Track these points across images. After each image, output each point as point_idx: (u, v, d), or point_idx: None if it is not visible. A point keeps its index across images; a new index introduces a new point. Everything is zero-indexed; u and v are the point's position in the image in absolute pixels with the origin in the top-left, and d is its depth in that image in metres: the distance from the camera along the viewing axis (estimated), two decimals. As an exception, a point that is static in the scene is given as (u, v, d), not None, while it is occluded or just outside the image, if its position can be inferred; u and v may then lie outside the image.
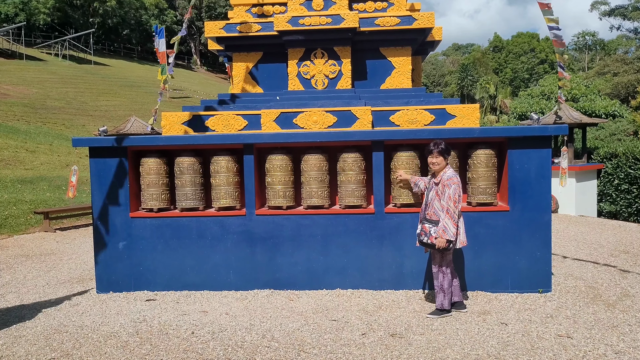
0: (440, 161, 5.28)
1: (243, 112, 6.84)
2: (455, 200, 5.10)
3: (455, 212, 5.12)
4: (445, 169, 5.29)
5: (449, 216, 5.10)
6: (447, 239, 5.11)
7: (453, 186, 5.12)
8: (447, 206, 5.11)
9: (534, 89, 30.57)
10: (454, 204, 5.11)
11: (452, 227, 5.10)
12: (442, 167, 5.29)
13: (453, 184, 5.12)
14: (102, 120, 31.41)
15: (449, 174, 5.22)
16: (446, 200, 5.12)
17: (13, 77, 38.21)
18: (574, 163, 14.07)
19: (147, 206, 6.47)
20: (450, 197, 5.10)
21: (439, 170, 5.31)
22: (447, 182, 5.16)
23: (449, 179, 5.17)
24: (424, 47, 8.17)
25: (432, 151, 5.29)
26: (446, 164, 5.32)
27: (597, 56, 67.20)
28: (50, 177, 16.44)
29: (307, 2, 7.11)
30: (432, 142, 5.35)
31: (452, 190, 5.11)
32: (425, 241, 5.24)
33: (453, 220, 5.11)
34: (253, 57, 7.57)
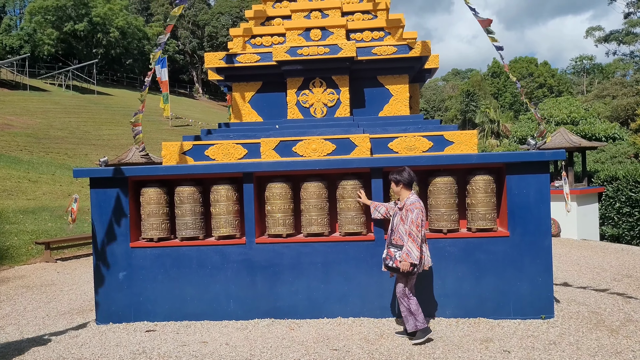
0: (399, 189, 5.47)
1: (243, 140, 6.90)
2: (417, 225, 5.21)
3: (418, 235, 5.22)
4: (409, 195, 5.42)
5: (412, 240, 5.20)
6: (410, 262, 5.18)
7: (415, 211, 5.23)
8: (409, 230, 5.22)
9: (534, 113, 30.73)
10: (417, 228, 5.21)
11: (415, 251, 5.19)
12: (406, 194, 5.43)
13: (415, 209, 5.25)
14: (105, 149, 31.59)
15: (412, 199, 5.35)
16: (409, 225, 5.23)
17: (16, 108, 38.58)
18: (575, 187, 14.07)
19: (148, 236, 6.47)
20: (413, 221, 5.21)
21: (403, 197, 5.45)
22: (410, 206, 5.28)
23: (411, 204, 5.29)
24: (422, 75, 8.26)
25: (397, 179, 5.47)
26: (409, 191, 5.45)
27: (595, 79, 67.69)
28: (52, 207, 16.47)
29: (305, 33, 7.22)
30: (396, 170, 5.51)
31: (414, 215, 5.22)
32: (391, 265, 5.33)
33: (416, 243, 5.20)
34: (252, 86, 7.67)
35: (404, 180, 5.44)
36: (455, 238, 6.12)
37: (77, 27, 56.47)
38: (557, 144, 13.81)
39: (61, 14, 55.98)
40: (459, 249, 6.10)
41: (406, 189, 5.45)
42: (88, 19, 56.81)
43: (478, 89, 61.76)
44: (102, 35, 58.63)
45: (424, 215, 5.33)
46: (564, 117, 24.88)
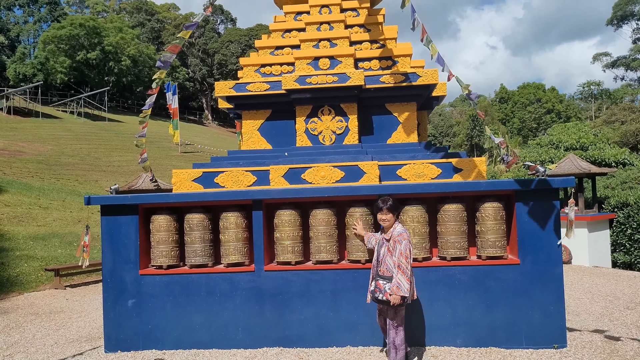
0: (389, 218, 5.38)
1: (252, 168, 6.95)
2: (407, 256, 5.16)
3: (407, 267, 5.16)
4: (394, 225, 5.37)
5: (401, 272, 5.15)
6: (401, 295, 5.12)
7: (404, 242, 5.18)
8: (399, 262, 5.17)
9: (542, 138, 30.73)
10: (406, 260, 5.16)
11: (405, 283, 5.13)
12: (392, 223, 5.38)
13: (404, 240, 5.19)
14: (115, 176, 31.84)
15: (399, 230, 5.30)
16: (397, 256, 5.18)
17: (28, 135, 39.11)
18: (585, 213, 13.97)
19: (157, 263, 6.49)
20: (402, 252, 5.16)
21: (388, 227, 5.39)
22: (398, 237, 5.23)
23: (399, 235, 5.24)
24: (429, 102, 8.32)
25: (382, 208, 5.39)
26: (395, 220, 5.41)
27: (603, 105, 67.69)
28: (62, 234, 16.56)
29: (314, 62, 7.32)
30: (381, 199, 5.45)
31: (403, 246, 5.17)
32: (381, 298, 5.25)
33: (406, 275, 5.15)
34: (262, 114, 7.75)
35: (394, 209, 5.40)
36: (465, 266, 6.09)
37: (89, 56, 57.52)
38: (566, 170, 13.77)
39: (74, 42, 57.11)
40: (469, 277, 6.05)
41: (395, 216, 5.42)
42: (100, 47, 57.90)
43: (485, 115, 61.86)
44: (113, 64, 59.65)
45: (412, 246, 5.28)
46: (573, 143, 24.83)
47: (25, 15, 70.26)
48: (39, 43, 59.03)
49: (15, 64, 56.98)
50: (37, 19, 69.24)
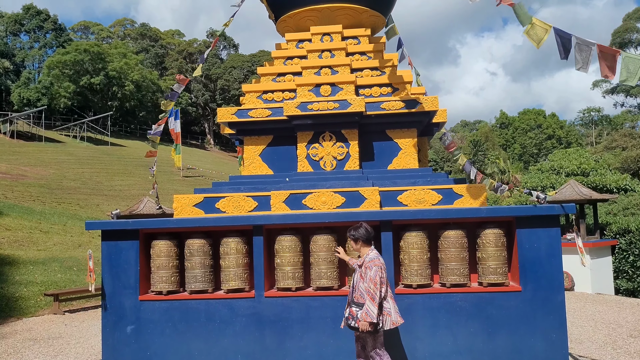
0: (356, 247, 5.46)
1: (253, 193, 6.96)
2: (376, 282, 5.15)
3: (377, 293, 5.15)
4: (368, 252, 5.39)
5: (370, 298, 5.15)
6: (370, 322, 5.11)
7: (374, 268, 5.18)
8: (367, 288, 5.17)
9: (543, 163, 30.82)
10: (375, 286, 5.15)
11: (374, 309, 5.12)
12: (365, 250, 5.41)
13: (374, 266, 5.20)
14: (116, 200, 31.87)
15: (371, 256, 5.31)
16: (368, 283, 5.19)
17: (31, 159, 39.30)
18: (587, 239, 13.92)
19: (157, 289, 6.46)
20: (372, 278, 5.16)
21: (362, 254, 5.42)
22: (369, 264, 5.24)
23: (370, 261, 5.26)
24: (430, 128, 8.37)
25: (349, 237, 5.48)
26: (368, 247, 5.43)
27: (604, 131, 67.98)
28: (62, 258, 16.52)
29: (315, 89, 7.40)
30: (352, 228, 5.50)
31: (373, 272, 5.17)
32: (353, 325, 5.25)
33: (375, 302, 5.13)
34: (263, 140, 7.79)
35: (361, 237, 5.43)
36: (467, 293, 6.05)
37: (93, 81, 58.16)
38: (567, 197, 13.77)
39: (79, 68, 57.82)
40: (470, 304, 6.01)
41: (365, 245, 5.44)
42: (104, 73, 58.56)
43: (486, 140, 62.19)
44: (117, 89, 60.26)
45: (384, 272, 5.27)
46: (574, 169, 24.88)
47: (31, 40, 71.27)
48: (44, 68, 59.78)
49: (20, 89, 57.60)
50: (42, 45, 70.20)
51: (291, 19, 8.28)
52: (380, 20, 8.51)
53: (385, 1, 8.39)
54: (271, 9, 8.47)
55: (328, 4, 7.93)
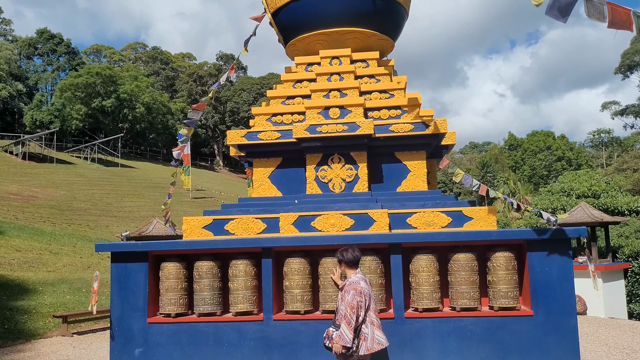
0: (342, 269, 5.46)
1: (262, 215, 6.96)
2: (352, 306, 5.10)
3: (352, 318, 5.09)
4: (352, 275, 5.35)
5: (345, 322, 5.10)
6: (342, 345, 5.06)
7: (352, 292, 5.14)
8: (344, 312, 5.13)
9: (553, 185, 30.63)
10: (351, 310, 5.10)
11: (348, 334, 5.06)
12: (350, 273, 5.39)
13: (352, 290, 5.16)
14: (126, 221, 32.00)
15: (352, 280, 5.28)
16: (345, 306, 5.15)
17: (42, 180, 39.65)
18: (599, 262, 13.76)
19: (165, 311, 6.44)
20: (349, 302, 5.12)
21: (347, 276, 5.41)
22: (348, 287, 5.22)
23: (349, 284, 5.23)
24: (439, 151, 8.37)
25: (337, 259, 5.51)
26: (353, 270, 5.40)
27: (614, 152, 67.63)
28: (71, 280, 16.54)
29: (324, 111, 7.44)
30: (340, 250, 5.51)
31: (350, 296, 5.13)
32: (327, 345, 5.25)
33: (350, 326, 5.08)
34: (273, 162, 7.83)
35: (344, 259, 5.41)
36: (477, 317, 5.98)
37: (105, 103, 58.87)
38: (578, 219, 13.65)
39: (90, 90, 58.60)
40: (481, 329, 5.94)
41: (349, 268, 5.41)
42: (116, 95, 59.29)
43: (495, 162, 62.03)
44: (128, 111, 60.92)
45: (364, 296, 5.18)
46: (585, 190, 24.67)
47: (44, 64, 72.47)
48: (57, 90, 60.67)
49: (32, 111, 58.39)
50: (55, 68, 71.34)
51: (300, 43, 8.38)
52: (388, 44, 8.59)
53: (393, 25, 8.47)
54: (281, 33, 8.58)
55: (337, 28, 8.02)
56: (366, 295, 5.23)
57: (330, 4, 7.85)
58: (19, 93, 64.42)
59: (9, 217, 26.56)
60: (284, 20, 8.32)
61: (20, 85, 64.51)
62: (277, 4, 8.20)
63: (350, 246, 5.56)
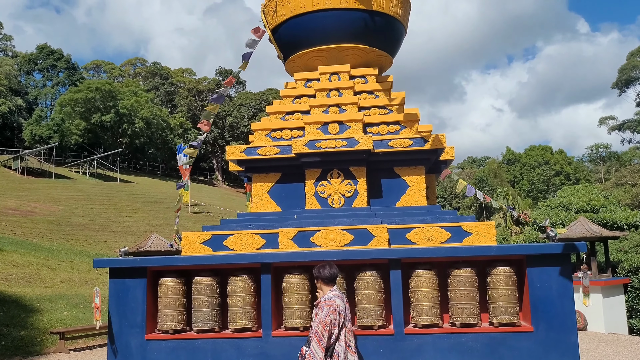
0: (318, 285, 5.40)
1: (261, 231, 6.95)
2: (325, 324, 5.03)
3: (324, 335, 5.01)
4: (327, 292, 5.31)
5: (316, 339, 5.02)
6: None
7: (326, 309, 5.08)
8: (315, 329, 5.06)
9: (552, 200, 30.64)
10: (323, 327, 5.02)
11: (319, 352, 4.98)
12: (326, 290, 5.34)
13: (326, 307, 5.09)
14: (124, 236, 31.90)
15: (327, 297, 5.22)
16: (317, 323, 5.08)
17: (41, 195, 39.58)
18: (599, 278, 13.72)
19: (164, 327, 6.40)
20: (321, 320, 5.05)
21: (323, 292, 5.36)
22: (322, 304, 5.16)
23: (324, 302, 5.17)
24: (438, 166, 8.39)
25: (314, 275, 5.45)
26: (329, 287, 5.35)
27: (612, 167, 67.78)
28: (69, 295, 16.45)
29: (323, 127, 7.47)
30: (317, 266, 5.44)
31: (323, 314, 5.07)
32: None
33: (320, 344, 4.99)
34: (272, 177, 7.83)
35: (322, 276, 5.35)
36: (477, 333, 5.95)
37: (104, 118, 59.01)
38: (577, 234, 13.64)
39: (90, 105, 58.77)
40: (481, 345, 5.90)
41: (325, 284, 5.35)
42: (115, 110, 59.44)
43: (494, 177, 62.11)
44: (127, 126, 61.04)
45: (338, 314, 5.11)
46: (584, 205, 24.70)
47: (44, 79, 72.75)
48: (56, 106, 60.84)
49: (32, 126, 58.49)
50: (55, 83, 71.62)
51: (300, 59, 8.43)
52: (387, 60, 8.65)
53: (392, 41, 8.54)
54: (280, 49, 8.64)
55: (336, 45, 8.08)
56: (341, 313, 5.15)
57: (329, 21, 7.92)
58: (19, 108, 64.60)
59: (7, 232, 26.48)
60: (283, 37, 8.38)
61: (20, 100, 64.70)
62: (276, 21, 8.27)
63: (327, 263, 5.50)
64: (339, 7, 7.85)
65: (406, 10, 8.51)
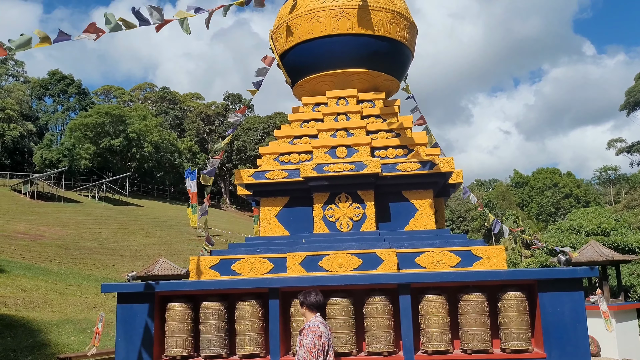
0: (303, 311, 5.38)
1: (269, 255, 6.92)
2: (311, 350, 5.00)
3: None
4: (311, 319, 5.27)
5: None
6: None
7: (310, 335, 5.05)
8: (303, 356, 5.02)
9: (562, 222, 30.37)
10: (310, 354, 4.99)
11: None
12: (310, 316, 5.32)
13: (311, 333, 5.06)
14: (132, 260, 31.89)
15: (311, 323, 5.19)
16: (303, 351, 5.05)
17: (50, 219, 39.77)
18: (612, 302, 13.51)
19: (171, 353, 6.34)
20: (307, 346, 5.02)
21: (307, 319, 5.34)
22: (307, 331, 5.12)
23: (308, 328, 5.13)
24: (446, 189, 8.36)
25: (299, 301, 5.43)
26: (313, 314, 5.33)
27: (622, 190, 67.31)
28: (76, 320, 16.39)
29: (331, 150, 7.49)
30: (302, 293, 5.43)
31: (309, 340, 5.04)
32: None
33: None
34: (280, 201, 7.83)
35: (306, 302, 5.33)
36: (489, 359, 5.85)
37: (113, 143, 59.54)
38: (588, 257, 13.48)
39: (100, 130, 59.38)
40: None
41: (310, 311, 5.33)
42: (124, 134, 59.98)
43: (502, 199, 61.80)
44: (136, 150, 61.52)
45: (322, 341, 5.09)
46: (594, 228, 24.47)
47: (55, 104, 73.71)
48: (67, 130, 61.50)
49: (42, 150, 59.06)
50: (65, 108, 72.51)
51: (307, 84, 8.50)
52: (394, 84, 8.69)
53: (399, 66, 8.60)
54: (288, 74, 8.72)
55: (343, 69, 8.14)
56: (325, 340, 5.13)
57: (337, 46, 7.99)
58: (30, 133, 65.36)
59: (16, 256, 26.55)
60: (291, 62, 8.46)
61: (30, 125, 65.50)
62: (284, 47, 8.36)
63: (313, 289, 5.50)
64: (346, 32, 7.93)
65: (412, 35, 8.59)
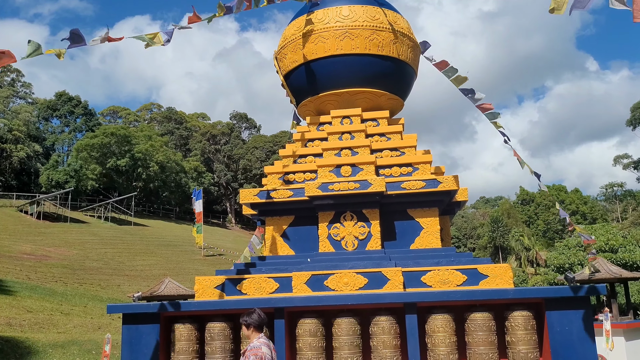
0: (249, 333, 5.23)
1: (274, 274, 6.90)
2: None
3: None
4: (254, 340, 5.16)
5: None
6: None
7: (252, 357, 4.94)
8: None
9: (570, 240, 30.16)
10: None
11: None
12: (253, 337, 5.19)
13: (252, 355, 4.96)
14: (137, 280, 31.81)
15: (254, 344, 5.09)
16: None
17: (56, 239, 39.83)
18: (620, 320, 13.35)
19: (176, 374, 6.30)
20: None
21: (250, 341, 5.21)
22: (248, 352, 5.03)
23: (250, 350, 5.04)
24: (451, 207, 8.35)
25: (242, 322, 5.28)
26: (259, 333, 5.21)
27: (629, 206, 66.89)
28: (81, 341, 16.32)
29: (336, 169, 7.50)
30: (244, 314, 5.30)
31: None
32: None
33: None
34: (285, 220, 7.83)
35: (253, 323, 5.22)
36: (497, 379, 5.78)
37: (119, 163, 59.79)
38: (596, 275, 13.37)
39: (106, 150, 59.68)
40: (501, 392, 5.73)
41: (256, 331, 5.23)
42: (130, 154, 60.25)
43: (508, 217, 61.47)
44: (142, 170, 61.72)
45: None
46: (602, 245, 24.29)
47: (61, 125, 74.26)
48: (73, 151, 61.82)
49: (49, 171, 59.36)
50: (72, 129, 73.04)
51: (312, 103, 8.55)
52: (398, 103, 8.74)
53: (403, 85, 8.65)
54: (293, 94, 8.78)
55: (347, 89, 8.20)
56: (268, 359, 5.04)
57: (340, 66, 8.06)
58: (36, 154, 65.78)
59: (22, 277, 26.56)
60: (296, 82, 8.53)
61: (37, 146, 65.96)
62: (289, 67, 8.44)
63: (253, 309, 5.37)
64: (350, 52, 8.00)
65: (416, 54, 8.65)
